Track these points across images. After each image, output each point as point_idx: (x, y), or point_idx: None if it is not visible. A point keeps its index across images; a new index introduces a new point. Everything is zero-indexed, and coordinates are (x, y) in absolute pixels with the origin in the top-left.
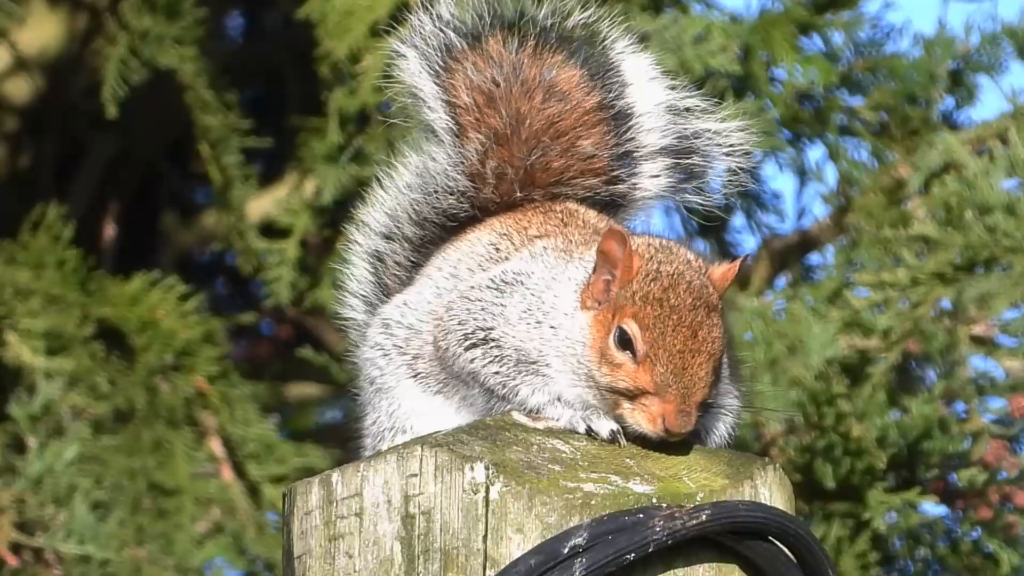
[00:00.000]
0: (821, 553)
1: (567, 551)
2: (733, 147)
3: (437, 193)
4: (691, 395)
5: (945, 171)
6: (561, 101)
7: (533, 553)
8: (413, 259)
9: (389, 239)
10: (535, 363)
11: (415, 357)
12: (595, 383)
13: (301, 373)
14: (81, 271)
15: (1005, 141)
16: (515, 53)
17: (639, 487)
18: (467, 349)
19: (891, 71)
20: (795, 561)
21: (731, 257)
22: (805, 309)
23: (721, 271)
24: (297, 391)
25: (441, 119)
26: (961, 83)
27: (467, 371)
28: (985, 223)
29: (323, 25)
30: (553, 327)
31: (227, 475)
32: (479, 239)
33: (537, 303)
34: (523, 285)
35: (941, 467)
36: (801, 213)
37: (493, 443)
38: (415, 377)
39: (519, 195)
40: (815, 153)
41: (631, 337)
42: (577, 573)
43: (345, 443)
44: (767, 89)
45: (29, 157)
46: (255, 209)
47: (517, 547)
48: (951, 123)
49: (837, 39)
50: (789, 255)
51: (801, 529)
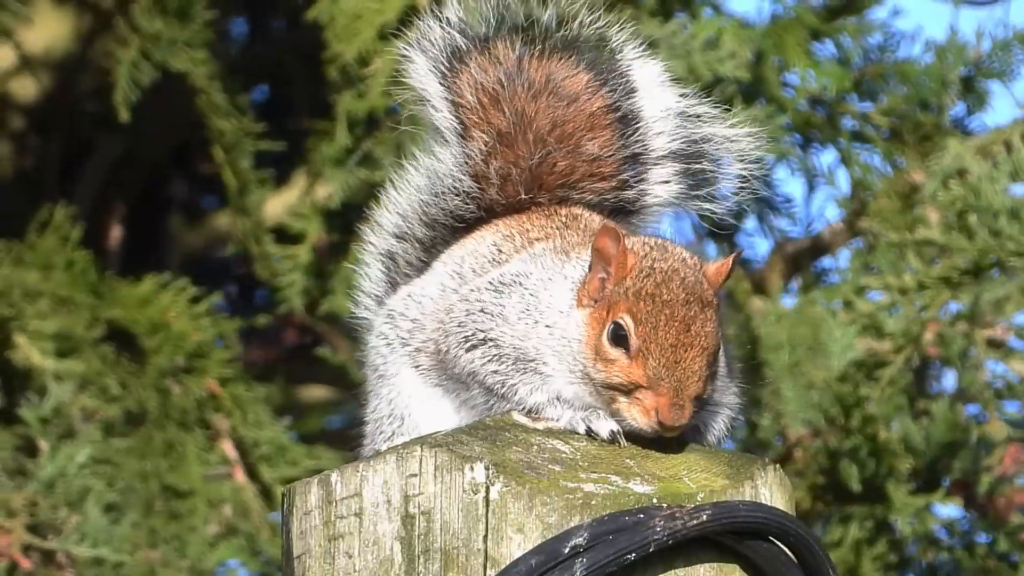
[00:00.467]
0: (821, 553)
1: (568, 551)
2: (742, 153)
3: (444, 194)
4: (684, 388)
5: (958, 176)
6: (567, 103)
7: (534, 553)
8: (423, 260)
9: (401, 239)
10: (533, 361)
11: (417, 350)
12: (591, 379)
13: (310, 376)
14: (90, 272)
15: (1010, 148)
16: (522, 55)
17: (639, 487)
18: (467, 351)
19: (903, 77)
20: (795, 561)
21: (742, 262)
22: (825, 312)
23: (715, 267)
24: (307, 394)
25: (446, 119)
26: (973, 89)
27: (467, 371)
28: (990, 228)
29: (331, 28)
30: (549, 326)
31: (239, 477)
32: (483, 239)
33: (534, 303)
34: (521, 286)
35: (962, 470)
36: (811, 222)
37: (493, 443)
38: (416, 368)
39: (524, 197)
40: (827, 158)
41: (625, 332)
42: (578, 573)
43: (355, 447)
44: (779, 94)
45: (34, 156)
46: (268, 212)
47: (518, 547)
48: (963, 129)
49: (848, 45)
50: (802, 258)
51: (801, 529)
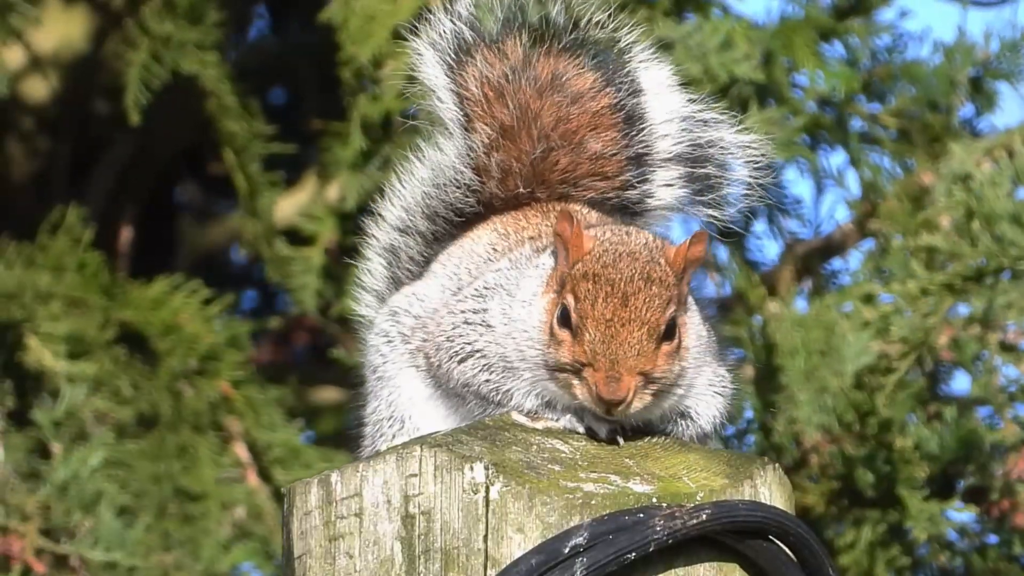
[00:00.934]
0: (821, 552)
1: (568, 551)
2: (749, 158)
3: (446, 186)
4: (620, 362)
5: (962, 181)
6: (572, 100)
7: (534, 553)
8: (425, 254)
9: (404, 233)
10: (516, 365)
11: (417, 349)
12: (546, 365)
13: (322, 378)
14: (102, 274)
15: (1012, 153)
16: (529, 52)
17: (639, 487)
18: (459, 363)
19: (911, 78)
20: (795, 560)
21: (752, 264)
22: (838, 315)
23: (676, 249)
24: (320, 396)
25: (450, 110)
26: (981, 90)
27: (461, 383)
28: (993, 233)
29: (345, 30)
30: (516, 320)
31: (252, 480)
32: (479, 238)
33: (510, 302)
34: (502, 288)
35: (977, 475)
36: (820, 224)
37: (493, 443)
38: (416, 368)
39: (523, 191)
40: (836, 159)
41: (568, 311)
42: (578, 573)
43: (355, 449)
44: (788, 95)
45: (45, 157)
46: (274, 213)
47: (518, 547)
48: (972, 130)
49: (856, 46)
50: (812, 260)
51: (801, 528)
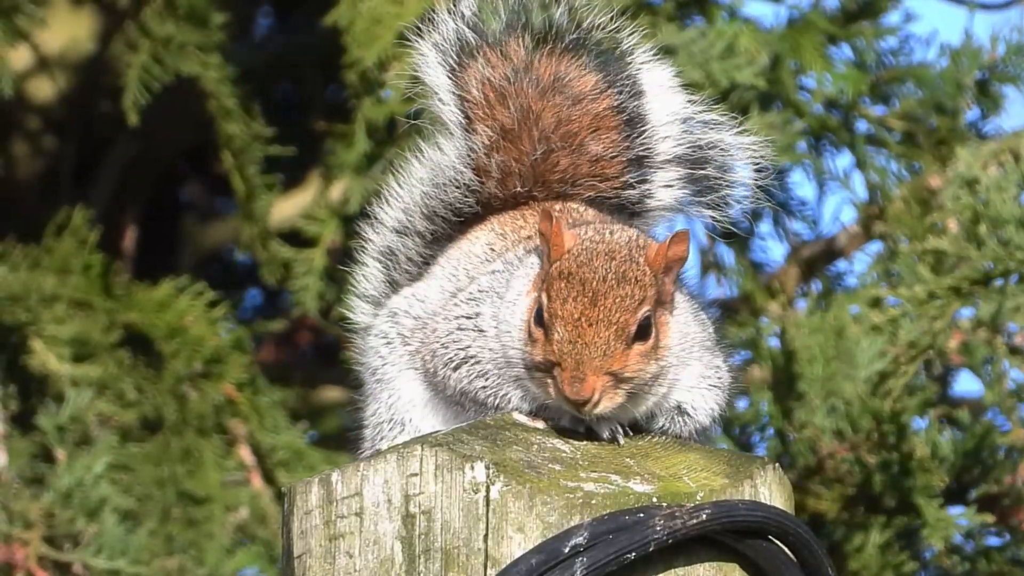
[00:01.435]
0: (821, 552)
1: (568, 550)
2: (749, 161)
3: (445, 185)
4: (585, 362)
5: (968, 186)
6: (573, 102)
7: (534, 552)
8: (424, 255)
9: (402, 234)
10: (506, 367)
11: (416, 351)
12: (524, 364)
13: (325, 378)
14: (107, 276)
15: (1018, 157)
16: (531, 53)
17: (639, 486)
18: (454, 370)
19: (918, 81)
20: (795, 560)
21: (757, 265)
22: (849, 320)
23: (656, 247)
24: (322, 396)
25: (451, 112)
26: (987, 93)
27: (458, 390)
28: (999, 237)
29: (351, 32)
30: (503, 320)
31: (257, 483)
32: (478, 239)
33: (499, 303)
34: (493, 290)
35: (988, 480)
36: (823, 226)
37: (493, 443)
38: (415, 370)
39: (521, 190)
40: (843, 161)
41: (541, 310)
42: (578, 572)
43: (354, 451)
44: (795, 98)
45: (50, 158)
46: (276, 213)
47: (518, 546)
48: (979, 133)
49: (864, 48)
50: (817, 263)
51: (801, 528)
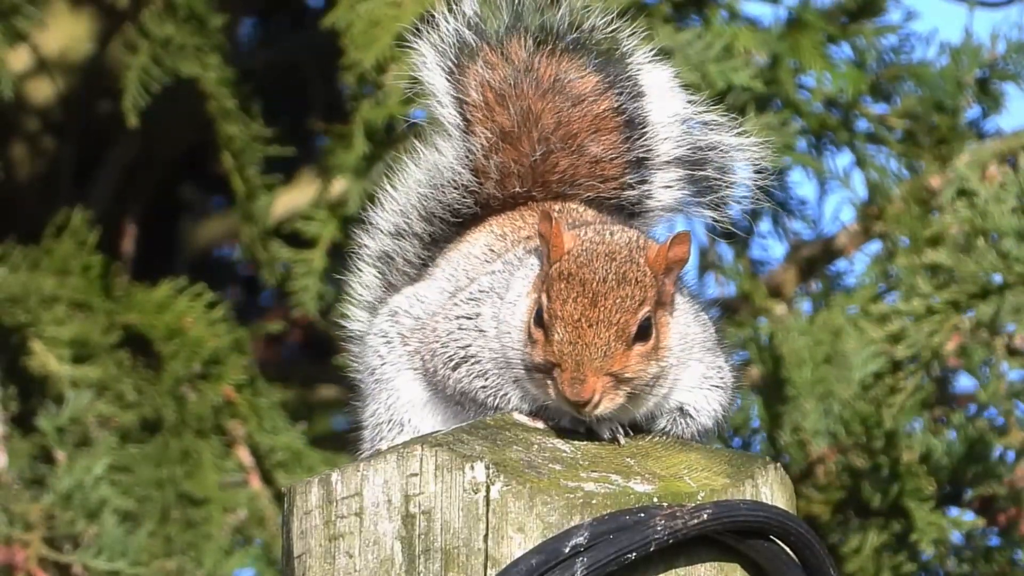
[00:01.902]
0: (822, 552)
1: (568, 550)
2: (749, 162)
3: (443, 187)
4: (586, 363)
5: (972, 195)
6: (573, 103)
7: (534, 552)
8: (422, 256)
9: (399, 237)
10: (506, 367)
11: (415, 351)
12: (524, 365)
13: (317, 377)
14: (107, 277)
15: (1016, 167)
16: (531, 54)
17: (640, 486)
18: (453, 369)
19: (918, 79)
20: (796, 560)
21: (756, 264)
22: (844, 321)
23: (657, 248)
24: (317, 395)
25: (450, 114)
26: (988, 91)
27: (458, 391)
28: (998, 250)
29: (348, 35)
30: (503, 320)
31: (255, 484)
32: (477, 240)
33: (499, 304)
34: (494, 291)
35: (984, 482)
36: (823, 225)
37: (493, 442)
38: (414, 371)
39: (520, 191)
40: (843, 160)
41: (541, 311)
42: (578, 572)
43: (353, 452)
44: (795, 97)
45: (49, 159)
46: (274, 210)
47: (518, 546)
48: (979, 131)
49: (864, 47)
50: (816, 262)
51: (802, 528)
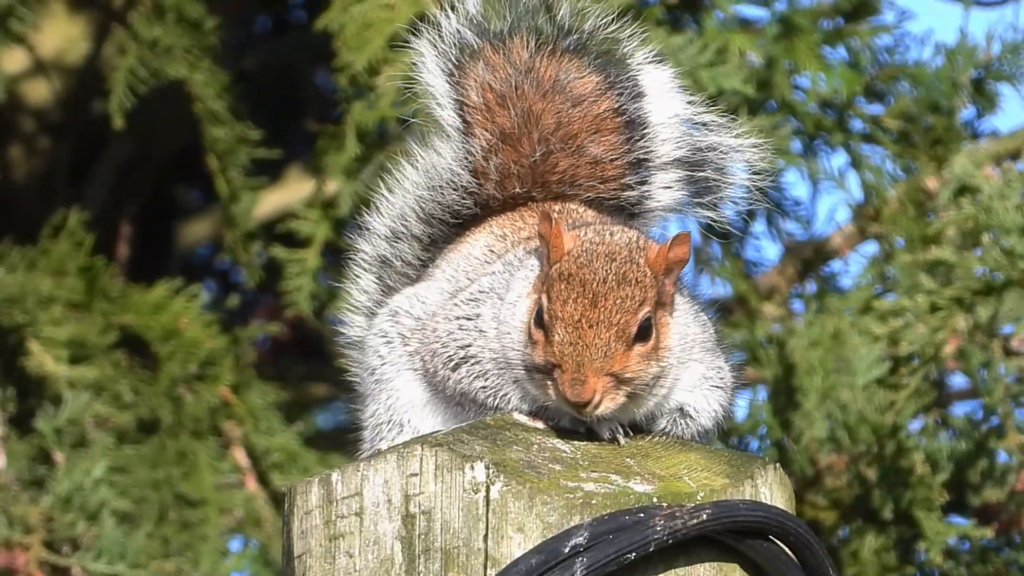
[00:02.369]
0: (822, 552)
1: (568, 550)
2: (748, 163)
3: (442, 188)
4: (586, 364)
5: (975, 191)
6: (573, 104)
7: (534, 552)
8: (422, 258)
9: (397, 240)
10: (506, 368)
11: (415, 352)
12: (524, 366)
13: (306, 375)
14: (103, 278)
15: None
16: (531, 55)
17: (640, 486)
18: (453, 370)
19: (913, 80)
20: (796, 560)
21: (752, 264)
22: (847, 325)
23: (657, 249)
24: (308, 393)
25: (450, 116)
26: (983, 92)
27: (458, 391)
28: (1002, 247)
29: (341, 37)
30: (503, 321)
31: (251, 485)
32: (477, 241)
33: (499, 304)
34: (494, 291)
35: (984, 487)
36: (817, 225)
37: (493, 443)
38: (414, 371)
39: (520, 191)
40: (837, 160)
41: (541, 312)
42: (578, 572)
43: (352, 452)
44: (790, 98)
45: (45, 159)
46: (256, 209)
47: (518, 546)
48: (974, 132)
49: (858, 48)
50: (811, 262)
51: (802, 528)
